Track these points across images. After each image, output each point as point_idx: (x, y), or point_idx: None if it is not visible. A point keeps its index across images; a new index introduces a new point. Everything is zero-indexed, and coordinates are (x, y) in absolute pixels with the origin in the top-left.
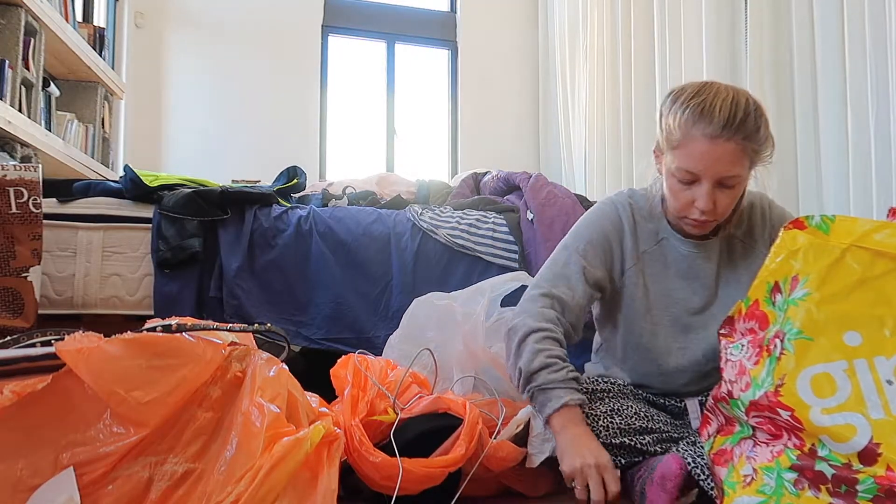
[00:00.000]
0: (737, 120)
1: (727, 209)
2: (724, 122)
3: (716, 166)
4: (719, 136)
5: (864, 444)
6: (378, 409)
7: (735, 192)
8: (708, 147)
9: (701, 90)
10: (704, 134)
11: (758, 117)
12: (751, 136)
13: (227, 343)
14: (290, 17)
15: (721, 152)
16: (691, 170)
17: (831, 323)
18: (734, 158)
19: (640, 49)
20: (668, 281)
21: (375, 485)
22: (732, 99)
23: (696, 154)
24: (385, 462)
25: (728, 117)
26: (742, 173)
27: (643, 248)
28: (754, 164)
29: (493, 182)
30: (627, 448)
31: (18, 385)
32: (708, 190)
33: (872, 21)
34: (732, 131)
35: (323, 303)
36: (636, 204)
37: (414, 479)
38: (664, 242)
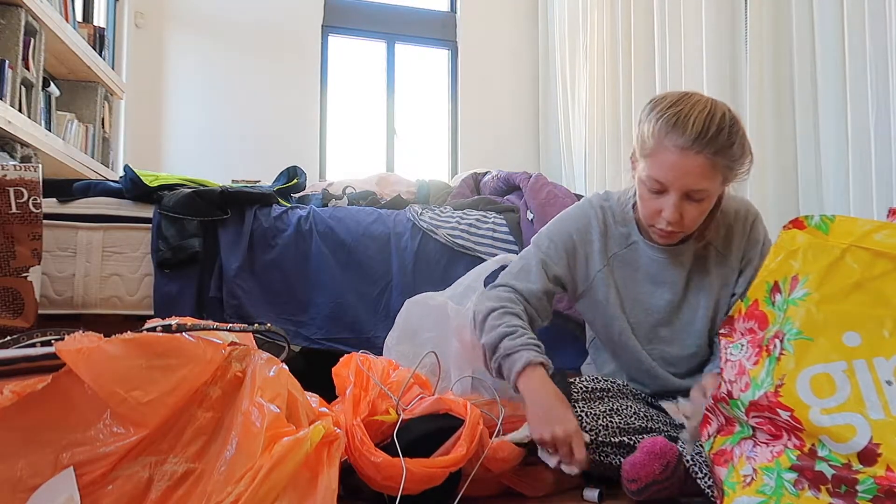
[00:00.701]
0: (709, 134)
1: (694, 222)
2: (695, 136)
3: (684, 178)
4: (689, 149)
5: (864, 444)
6: (380, 409)
7: (703, 206)
8: (677, 159)
9: (679, 101)
10: (675, 145)
11: (733, 133)
12: (722, 152)
13: (227, 343)
14: (290, 17)
15: (690, 165)
16: (660, 179)
17: (831, 323)
18: (703, 172)
19: (640, 49)
20: (637, 284)
21: (376, 485)
22: (708, 112)
23: (666, 165)
24: (387, 462)
25: (700, 131)
26: (711, 188)
27: (613, 251)
28: (728, 180)
29: (493, 182)
30: (627, 447)
31: (18, 385)
32: (675, 201)
33: (872, 21)
34: (703, 145)
35: (323, 303)
36: (610, 207)
37: (415, 479)
38: (634, 246)
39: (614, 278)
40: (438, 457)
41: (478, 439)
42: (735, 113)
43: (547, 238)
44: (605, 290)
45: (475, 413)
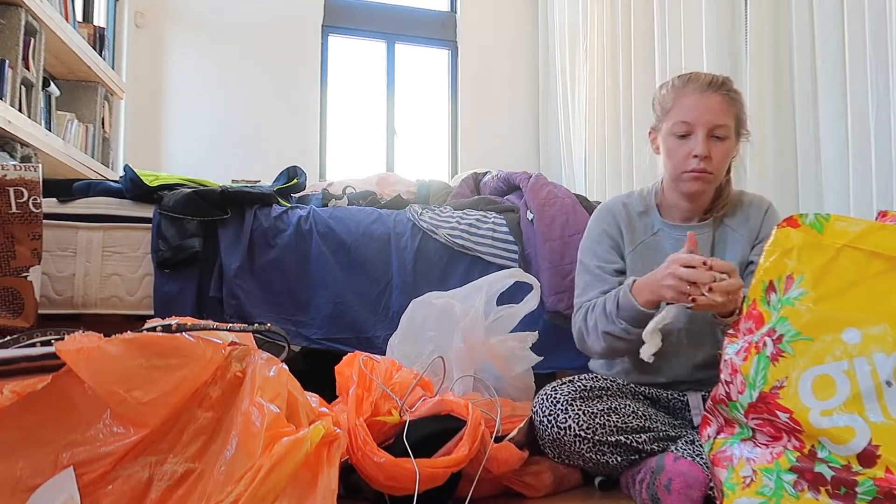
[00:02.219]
0: (720, 80)
1: (721, 163)
2: (710, 80)
3: (707, 114)
4: (707, 90)
5: (864, 446)
6: (382, 409)
7: (725, 146)
8: (699, 98)
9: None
10: (694, 89)
11: (735, 88)
12: (733, 95)
13: (227, 343)
14: (290, 17)
15: (711, 102)
16: (687, 119)
17: (830, 321)
18: (723, 108)
19: (640, 49)
20: None
21: (378, 485)
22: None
23: (690, 105)
24: (390, 463)
25: (713, 78)
26: (730, 125)
27: (640, 240)
28: (739, 128)
29: (493, 182)
30: (624, 446)
31: (18, 385)
32: (703, 137)
33: (872, 21)
34: (717, 86)
35: (323, 303)
36: (631, 203)
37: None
38: (660, 233)
39: (641, 262)
40: (440, 457)
41: (479, 440)
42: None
43: (589, 251)
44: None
45: (477, 414)
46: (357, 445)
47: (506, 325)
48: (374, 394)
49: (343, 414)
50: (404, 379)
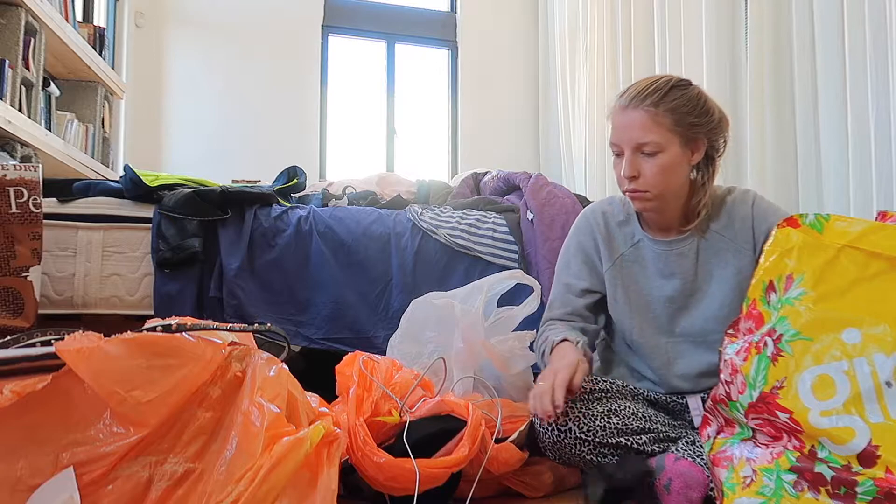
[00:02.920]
0: (646, 91)
1: (657, 179)
2: (632, 95)
3: (629, 132)
4: (628, 106)
5: (863, 446)
6: (382, 410)
7: (659, 161)
8: (621, 116)
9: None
10: (618, 106)
11: (675, 91)
12: (660, 105)
13: (227, 343)
14: (290, 17)
15: (632, 119)
16: (613, 141)
17: (829, 321)
18: (644, 124)
19: (640, 49)
20: (647, 280)
21: (379, 485)
22: (656, 79)
23: (616, 124)
24: (389, 463)
25: (639, 92)
26: (659, 141)
27: (620, 252)
28: (690, 138)
29: (493, 182)
30: (624, 448)
31: (18, 385)
32: (628, 157)
33: (872, 21)
34: (639, 100)
35: (323, 303)
36: (611, 211)
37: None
38: (640, 244)
39: (622, 277)
40: (440, 457)
41: (480, 440)
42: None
43: (563, 263)
44: (612, 290)
45: (477, 415)
46: (357, 445)
47: (506, 326)
48: (374, 394)
49: (343, 414)
50: (404, 379)
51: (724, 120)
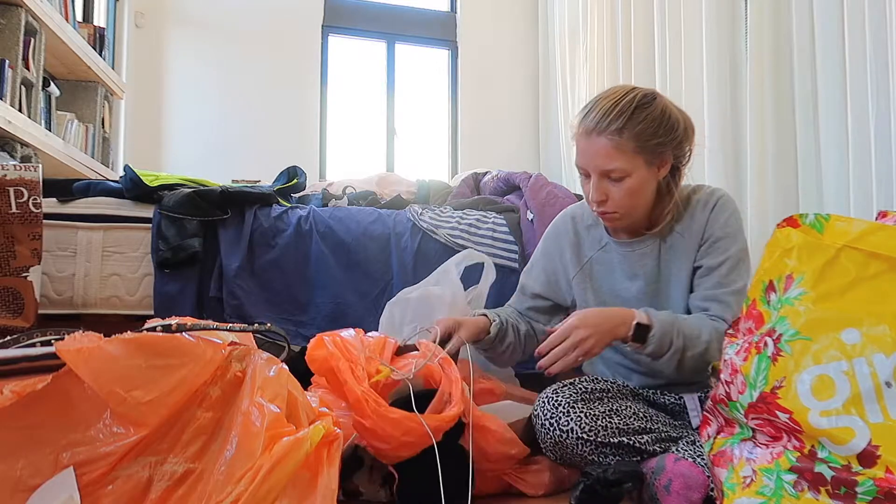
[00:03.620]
0: (608, 118)
1: (625, 201)
2: (596, 120)
3: (594, 160)
4: (592, 134)
5: (863, 446)
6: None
7: (627, 185)
8: (585, 143)
9: (599, 94)
10: (582, 131)
11: (638, 113)
12: (623, 130)
13: (227, 343)
14: (290, 17)
15: (596, 147)
16: (578, 164)
17: (829, 321)
18: (609, 152)
19: (640, 49)
20: (616, 282)
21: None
22: (619, 98)
23: (580, 149)
24: (404, 417)
25: (602, 116)
26: (625, 167)
27: (588, 256)
28: (656, 158)
29: (493, 182)
30: (626, 447)
31: (18, 385)
32: (595, 182)
33: (872, 21)
34: (602, 128)
35: (323, 303)
36: (581, 215)
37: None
38: (607, 247)
39: (591, 281)
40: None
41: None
42: (651, 96)
43: (529, 262)
44: (582, 294)
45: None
46: (371, 409)
47: (478, 303)
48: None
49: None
50: (377, 341)
51: (689, 129)
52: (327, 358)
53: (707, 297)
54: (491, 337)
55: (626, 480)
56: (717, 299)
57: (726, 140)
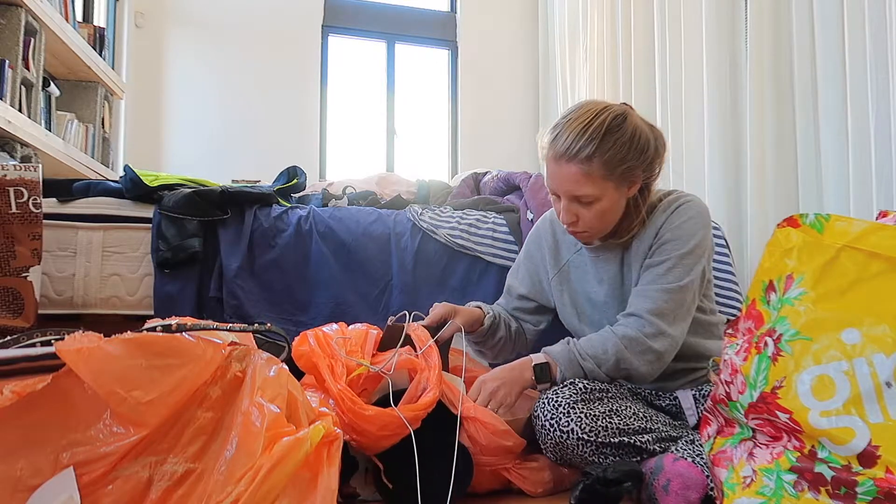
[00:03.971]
0: (578, 146)
1: (595, 222)
2: (567, 147)
3: (564, 185)
4: (561, 160)
5: (863, 446)
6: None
7: (598, 207)
8: (555, 167)
9: (566, 114)
10: (552, 156)
11: (607, 140)
12: (593, 157)
13: (227, 343)
14: (290, 17)
15: (566, 173)
16: (549, 187)
17: (829, 321)
18: (578, 179)
19: (640, 49)
20: (587, 285)
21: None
22: (588, 121)
23: (550, 172)
24: (379, 413)
25: (571, 143)
26: (595, 192)
27: (566, 259)
28: (626, 181)
29: (493, 182)
30: (627, 447)
31: (18, 385)
32: (565, 205)
33: (872, 21)
34: (571, 156)
35: (323, 303)
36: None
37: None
38: (581, 251)
39: (567, 283)
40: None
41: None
42: (622, 117)
43: (515, 263)
44: (559, 297)
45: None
46: (347, 407)
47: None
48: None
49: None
50: (357, 333)
51: (659, 148)
52: (309, 354)
53: (635, 292)
54: (484, 328)
55: (626, 480)
56: (642, 294)
57: (726, 140)
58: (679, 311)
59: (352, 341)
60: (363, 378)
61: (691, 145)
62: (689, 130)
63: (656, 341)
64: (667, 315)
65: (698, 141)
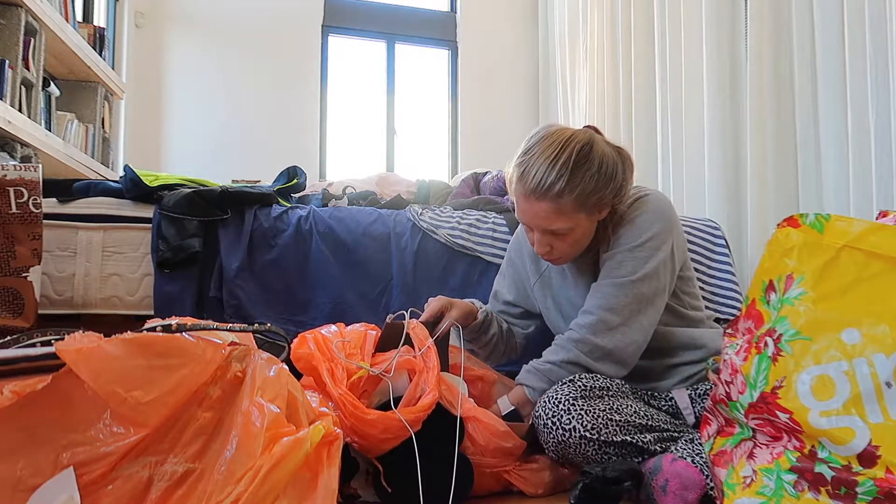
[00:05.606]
0: (546, 183)
1: (568, 250)
2: (534, 186)
3: (536, 220)
4: (531, 196)
5: (864, 446)
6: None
7: (572, 237)
8: (525, 203)
9: (530, 148)
10: (521, 193)
11: (576, 174)
12: (564, 195)
13: (227, 343)
14: (290, 17)
15: (536, 210)
16: (520, 220)
17: (829, 321)
18: (549, 215)
19: (640, 49)
20: (568, 289)
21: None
22: (555, 157)
23: (521, 207)
24: (380, 416)
25: (540, 181)
26: (568, 225)
27: (545, 265)
28: (596, 209)
29: (493, 182)
30: (629, 446)
31: (18, 385)
32: (538, 238)
33: (872, 21)
34: (541, 193)
35: (323, 303)
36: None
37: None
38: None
39: (550, 289)
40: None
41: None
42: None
43: (501, 269)
44: (543, 302)
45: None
46: (349, 412)
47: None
48: (340, 361)
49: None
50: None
51: (627, 172)
52: (309, 358)
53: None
54: (478, 322)
55: (626, 479)
56: (593, 291)
57: (726, 140)
58: (635, 305)
59: (351, 343)
60: (363, 381)
61: (691, 145)
62: (689, 130)
63: (604, 337)
64: (617, 309)
65: (698, 141)
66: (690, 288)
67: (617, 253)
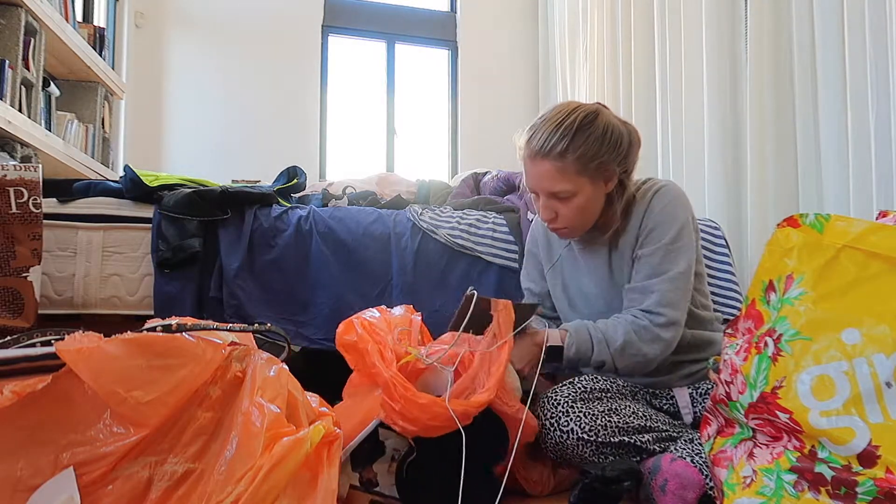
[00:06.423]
0: (550, 143)
1: (573, 218)
2: (540, 145)
3: (540, 182)
4: (536, 157)
5: (863, 446)
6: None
7: (576, 202)
8: (530, 165)
9: (542, 115)
10: (527, 155)
11: (580, 135)
12: (566, 153)
13: (227, 343)
14: (290, 17)
15: (541, 170)
16: (527, 186)
17: (829, 321)
18: (552, 176)
19: (640, 49)
20: (579, 278)
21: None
22: (561, 120)
23: (527, 171)
24: (430, 402)
25: (544, 141)
26: (571, 188)
27: (559, 253)
28: (601, 176)
29: (493, 182)
30: (627, 446)
31: (18, 385)
32: (543, 202)
33: (872, 21)
34: (545, 152)
35: (323, 303)
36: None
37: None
38: (572, 245)
39: (561, 277)
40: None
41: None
42: (594, 114)
43: (524, 269)
44: (554, 290)
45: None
46: (399, 394)
47: None
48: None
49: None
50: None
51: (633, 143)
52: (356, 342)
53: (635, 288)
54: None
55: (625, 478)
56: (644, 290)
57: (726, 140)
58: (683, 298)
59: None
60: (410, 367)
61: (691, 145)
62: (689, 130)
63: (667, 330)
64: (674, 304)
65: (698, 141)
66: (701, 286)
67: (657, 248)
